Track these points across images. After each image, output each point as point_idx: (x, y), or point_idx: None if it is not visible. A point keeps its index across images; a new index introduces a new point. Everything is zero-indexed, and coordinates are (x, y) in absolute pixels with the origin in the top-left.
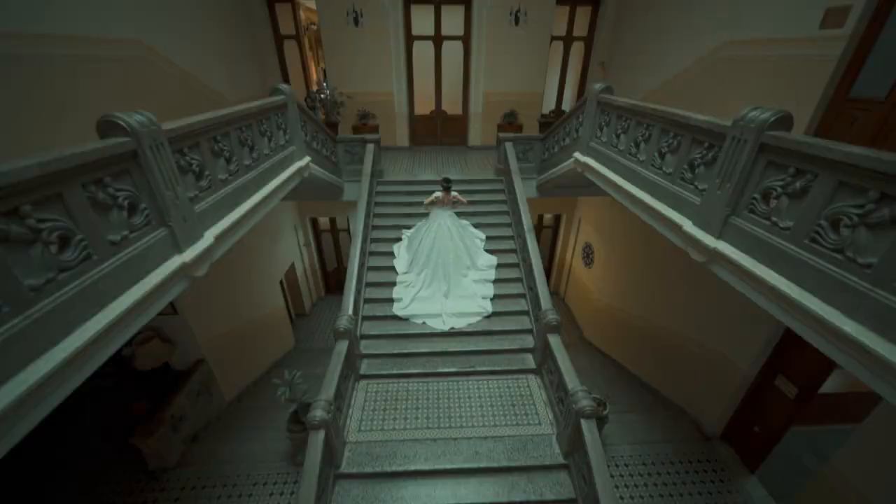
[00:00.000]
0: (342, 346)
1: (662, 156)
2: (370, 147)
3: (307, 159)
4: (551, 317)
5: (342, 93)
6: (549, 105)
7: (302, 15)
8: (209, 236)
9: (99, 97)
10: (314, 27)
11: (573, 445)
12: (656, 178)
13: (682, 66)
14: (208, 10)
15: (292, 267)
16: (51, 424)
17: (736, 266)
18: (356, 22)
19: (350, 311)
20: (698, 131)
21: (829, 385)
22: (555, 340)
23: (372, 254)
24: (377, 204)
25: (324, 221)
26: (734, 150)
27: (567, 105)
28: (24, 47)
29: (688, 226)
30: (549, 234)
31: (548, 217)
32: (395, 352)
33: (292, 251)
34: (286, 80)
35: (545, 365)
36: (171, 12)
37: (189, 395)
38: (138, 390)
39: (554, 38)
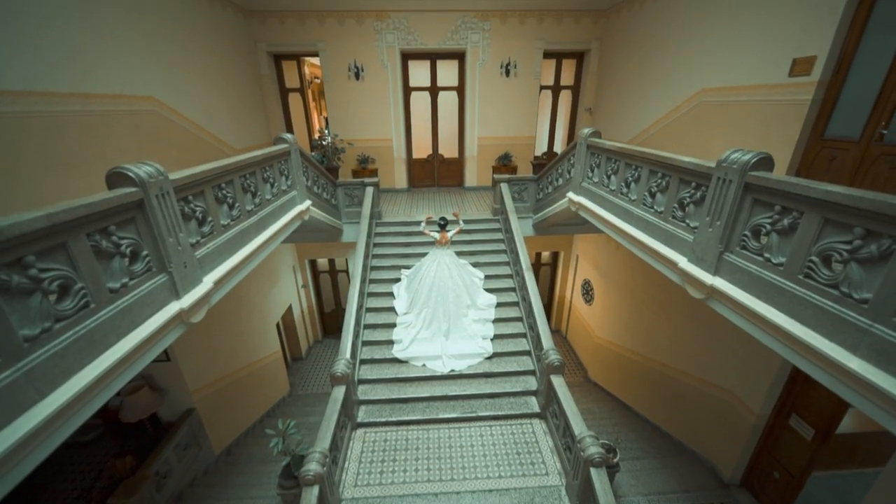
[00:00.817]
0: (339, 392)
1: (653, 195)
2: (369, 190)
3: (308, 203)
4: (553, 357)
5: (343, 140)
6: (541, 147)
7: (307, 70)
8: (208, 281)
9: (111, 147)
10: (318, 80)
11: (584, 498)
12: (648, 216)
13: (664, 111)
14: (219, 67)
15: (290, 309)
16: (20, 487)
17: (734, 302)
18: (357, 76)
19: (348, 355)
20: (685, 172)
21: (847, 425)
22: (558, 382)
23: (371, 295)
24: (376, 245)
25: (322, 263)
26: (721, 190)
27: (558, 147)
28: (40, 104)
29: (683, 263)
30: (547, 272)
31: (545, 255)
32: (394, 397)
33: (290, 293)
34: (290, 128)
35: (550, 408)
36: (183, 71)
37: (176, 449)
38: (123, 445)
39: (543, 87)
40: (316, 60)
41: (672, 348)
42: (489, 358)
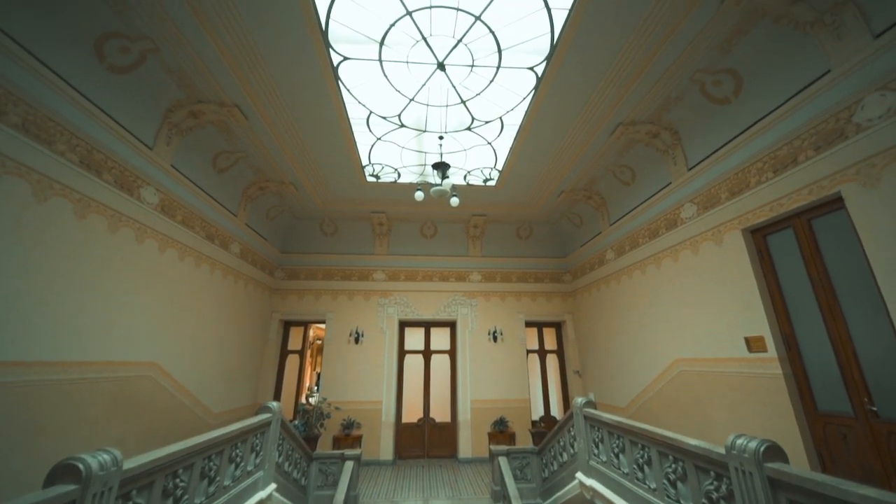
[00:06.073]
0: None
1: (673, 484)
2: (348, 465)
3: (271, 488)
4: None
5: (330, 403)
6: (537, 411)
7: (311, 333)
8: None
9: (79, 417)
10: (319, 342)
11: None
12: None
13: (649, 379)
14: (228, 333)
15: None
16: None
17: None
18: (357, 340)
19: None
20: (696, 457)
21: None
22: None
23: None
24: None
25: None
26: (745, 485)
27: (555, 411)
28: (31, 374)
29: None
30: None
31: None
32: None
33: None
34: (279, 389)
35: None
36: (193, 338)
37: None
38: None
39: (529, 351)
40: (322, 325)
41: None
42: None
